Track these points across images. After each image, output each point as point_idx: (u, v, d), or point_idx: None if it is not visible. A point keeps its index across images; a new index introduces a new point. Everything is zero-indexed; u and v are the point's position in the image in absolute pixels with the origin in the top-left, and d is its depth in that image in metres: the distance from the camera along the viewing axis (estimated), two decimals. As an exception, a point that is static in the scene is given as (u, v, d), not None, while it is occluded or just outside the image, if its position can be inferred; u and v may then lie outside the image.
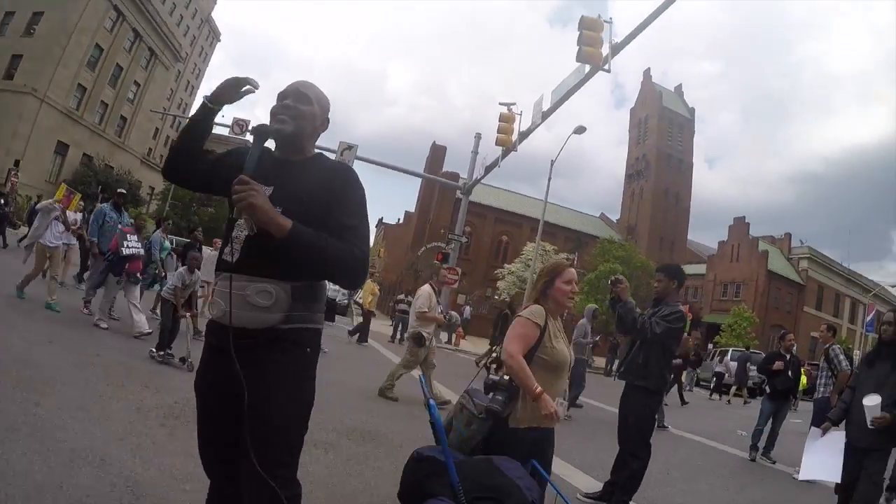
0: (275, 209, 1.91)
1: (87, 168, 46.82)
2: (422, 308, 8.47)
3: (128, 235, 9.12)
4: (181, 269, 8.27)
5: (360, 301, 17.29)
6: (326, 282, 2.26)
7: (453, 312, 19.29)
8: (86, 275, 11.83)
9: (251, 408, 1.92)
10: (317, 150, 2.34)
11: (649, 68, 79.45)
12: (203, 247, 11.36)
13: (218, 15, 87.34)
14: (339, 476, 4.49)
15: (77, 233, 10.99)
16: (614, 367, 23.60)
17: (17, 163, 36.85)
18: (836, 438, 5.09)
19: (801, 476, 5.87)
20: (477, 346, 26.60)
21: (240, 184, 1.87)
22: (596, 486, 5.37)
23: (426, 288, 8.85)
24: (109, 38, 48.67)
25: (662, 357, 4.92)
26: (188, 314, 8.10)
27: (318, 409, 2.20)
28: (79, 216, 11.22)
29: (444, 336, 23.40)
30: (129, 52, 51.87)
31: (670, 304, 4.96)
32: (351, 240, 2.01)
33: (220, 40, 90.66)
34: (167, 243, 11.19)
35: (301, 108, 2.19)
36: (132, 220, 10.47)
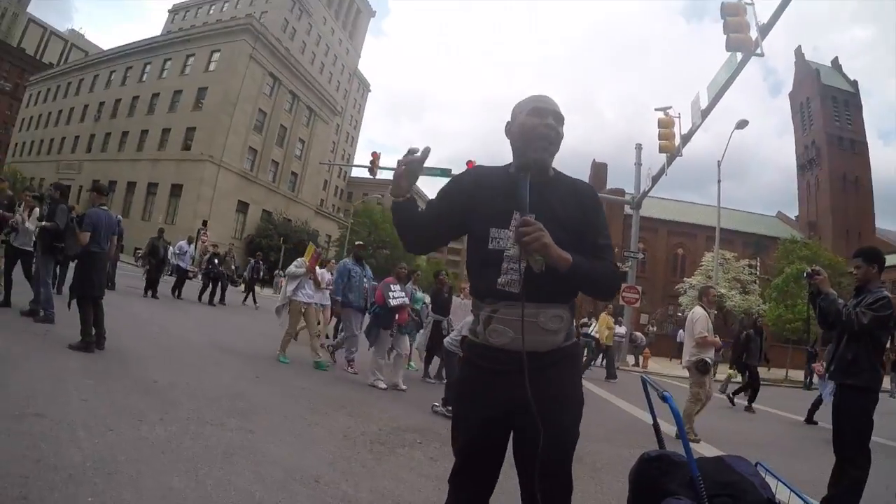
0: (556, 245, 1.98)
1: (267, 223, 51.03)
2: (702, 333, 7.86)
3: (391, 286, 8.72)
4: (468, 318, 7.48)
5: (597, 335, 15.86)
6: None
7: (638, 333, 18.31)
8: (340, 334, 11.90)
9: (553, 422, 2.00)
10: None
11: (800, 46, 73.36)
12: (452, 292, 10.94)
13: (364, 67, 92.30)
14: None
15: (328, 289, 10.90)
16: (813, 379, 21.60)
17: (205, 223, 40.40)
18: None
19: None
20: (664, 366, 25.28)
21: (525, 225, 1.92)
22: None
23: (700, 311, 8.13)
24: (270, 102, 53.26)
25: (873, 350, 4.38)
26: None
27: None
28: (329, 275, 10.91)
29: (630, 358, 22.44)
30: (289, 112, 56.45)
31: (873, 290, 4.41)
32: (608, 258, 2.17)
33: (370, 91, 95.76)
34: (420, 294, 10.46)
35: (560, 130, 2.21)
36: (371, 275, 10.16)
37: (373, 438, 5.18)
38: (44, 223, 8.15)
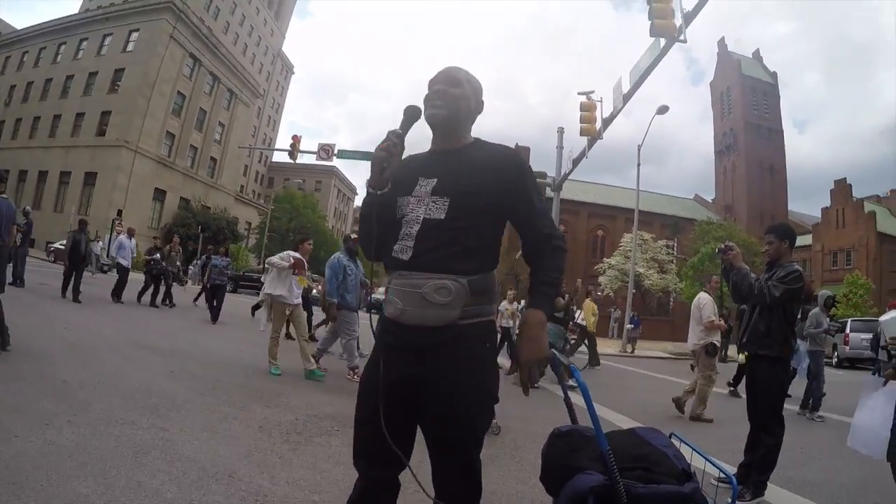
0: (537, 329, 1.98)
1: (185, 210, 49.80)
2: (710, 317, 8.18)
3: None
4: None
5: (583, 322, 15.36)
6: None
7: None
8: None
9: (442, 405, 1.96)
10: (474, 137, 2.26)
11: (723, 37, 76.27)
12: None
13: (288, 49, 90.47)
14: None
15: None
16: (727, 352, 22.53)
17: (119, 212, 39.03)
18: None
19: (850, 443, 4.49)
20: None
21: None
22: (729, 470, 4.92)
23: (706, 296, 8.48)
24: (189, 84, 51.78)
25: (785, 322, 4.60)
26: None
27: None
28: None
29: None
30: (209, 95, 54.98)
31: (785, 265, 4.61)
32: (552, 241, 2.09)
33: (293, 73, 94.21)
34: None
35: (452, 91, 2.14)
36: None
37: (289, 428, 5.18)
38: None
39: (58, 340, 7.99)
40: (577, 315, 15.35)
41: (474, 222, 2.00)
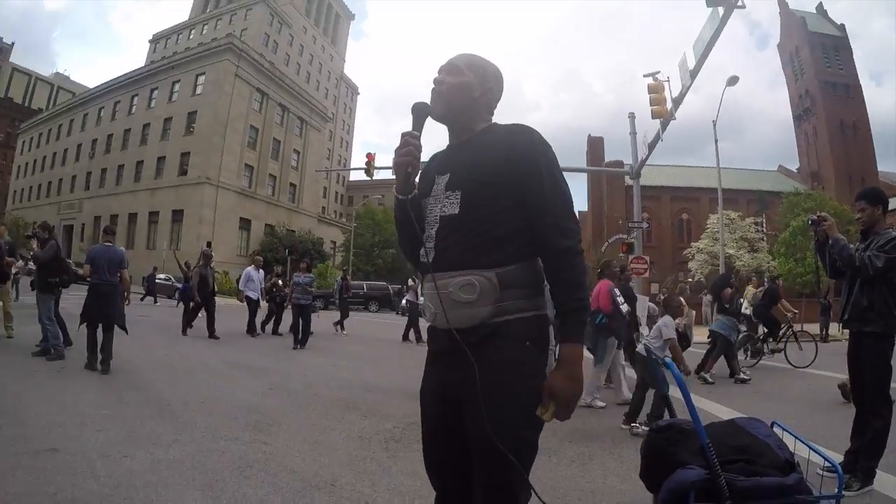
0: (572, 368, 1.77)
1: (271, 236, 51.74)
2: None
3: (615, 290, 7.51)
4: (665, 318, 6.20)
5: (748, 311, 13.55)
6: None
7: (651, 304, 17.26)
8: None
9: (475, 412, 1.74)
10: (492, 122, 2.06)
11: (782, -5, 71.92)
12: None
13: (350, 71, 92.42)
14: (564, 479, 4.26)
15: None
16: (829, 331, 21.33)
17: (209, 244, 40.49)
18: None
19: None
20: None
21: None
22: (834, 459, 4.51)
23: None
24: (260, 117, 53.92)
25: (889, 294, 4.19)
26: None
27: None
28: None
29: (645, 330, 21.98)
30: (281, 125, 57.08)
31: (881, 232, 4.24)
32: (564, 230, 1.80)
33: (359, 93, 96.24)
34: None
35: (449, 81, 1.98)
36: None
37: (388, 437, 5.19)
38: (31, 255, 8.67)
39: (159, 366, 8.38)
40: (742, 305, 13.96)
41: (491, 211, 1.80)
